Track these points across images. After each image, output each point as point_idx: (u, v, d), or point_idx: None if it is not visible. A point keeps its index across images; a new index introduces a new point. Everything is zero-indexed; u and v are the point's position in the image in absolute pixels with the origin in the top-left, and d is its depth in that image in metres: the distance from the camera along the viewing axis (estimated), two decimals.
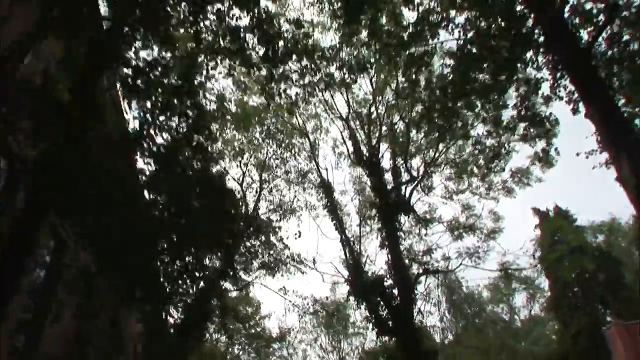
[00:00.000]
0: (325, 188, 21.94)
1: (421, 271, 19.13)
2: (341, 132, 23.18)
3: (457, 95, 13.00)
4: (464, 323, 47.23)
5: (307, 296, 26.69)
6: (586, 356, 31.49)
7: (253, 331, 33.16)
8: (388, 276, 18.72)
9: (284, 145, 24.27)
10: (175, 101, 11.33)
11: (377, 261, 19.86)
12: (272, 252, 24.77)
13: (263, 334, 33.67)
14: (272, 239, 22.05)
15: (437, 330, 42.93)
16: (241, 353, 44.35)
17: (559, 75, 12.34)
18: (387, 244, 19.17)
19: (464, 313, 49.50)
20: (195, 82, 12.22)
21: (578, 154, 14.12)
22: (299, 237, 21.48)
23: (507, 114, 15.22)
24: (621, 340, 26.84)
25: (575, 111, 12.38)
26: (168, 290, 13.67)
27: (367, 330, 42.78)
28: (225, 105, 20.18)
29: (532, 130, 15.41)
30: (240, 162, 24.89)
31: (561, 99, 12.84)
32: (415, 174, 20.77)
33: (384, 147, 22.04)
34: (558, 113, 18.39)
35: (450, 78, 13.15)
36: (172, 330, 20.52)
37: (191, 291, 22.18)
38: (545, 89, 13.27)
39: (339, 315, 43.86)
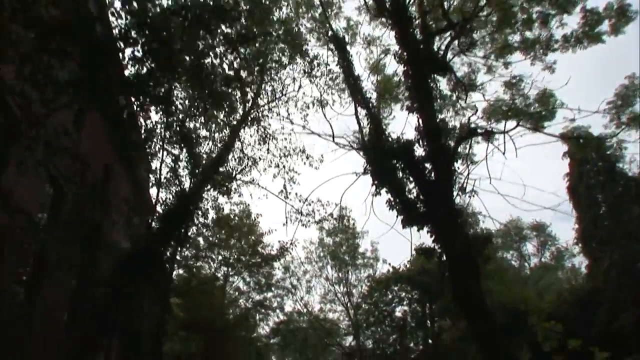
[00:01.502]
0: (337, 41, 17.00)
1: (464, 133, 14.17)
2: None
3: None
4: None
5: (313, 200, 22.20)
6: (618, 292, 27.63)
7: (249, 246, 28.71)
8: (418, 144, 13.92)
9: None
10: None
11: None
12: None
13: (261, 250, 29.23)
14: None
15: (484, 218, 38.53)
16: (241, 283, 40.77)
17: None
18: (416, 105, 14.30)
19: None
20: None
21: None
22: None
23: None
24: None
25: None
26: None
27: (377, 262, 38.74)
28: None
29: None
30: None
31: None
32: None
33: None
34: None
35: None
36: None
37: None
38: None
39: (346, 237, 39.93)
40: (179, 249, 23.00)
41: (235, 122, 21.79)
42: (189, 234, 25.80)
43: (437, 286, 31.70)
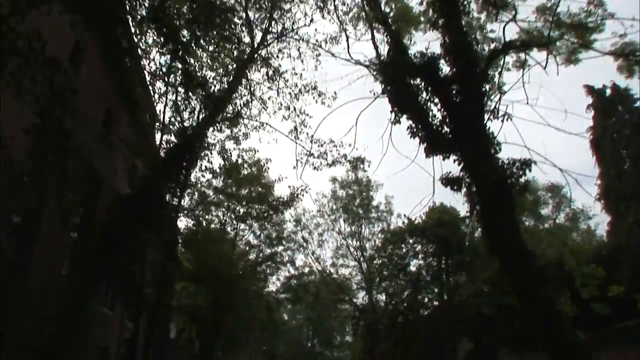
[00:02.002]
0: None
1: (498, 47, 12.34)
2: None
3: None
4: None
5: (325, 140, 20.59)
6: None
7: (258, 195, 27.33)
8: (444, 61, 12.17)
9: None
10: None
11: None
12: None
13: (270, 198, 27.83)
14: None
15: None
16: (251, 237, 39.81)
17: None
18: (442, 21, 12.48)
19: None
20: None
21: None
22: None
23: None
24: None
25: None
26: None
27: (390, 215, 37.40)
28: None
29: None
30: None
31: None
32: None
33: None
34: None
35: None
36: None
37: None
38: None
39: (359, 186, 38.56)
40: (182, 193, 21.71)
41: (242, 61, 20.25)
42: (192, 176, 24.53)
43: (454, 239, 30.41)
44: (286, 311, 77.81)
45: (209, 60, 21.13)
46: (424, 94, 12.38)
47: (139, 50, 16.45)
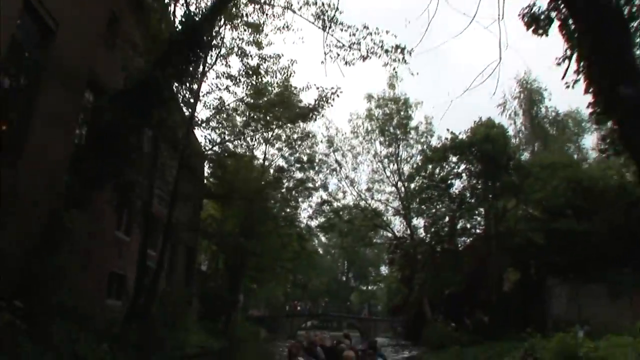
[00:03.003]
0: None
1: None
2: None
3: None
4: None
5: (357, 27, 17.30)
6: None
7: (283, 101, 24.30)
8: None
9: None
10: None
11: None
12: None
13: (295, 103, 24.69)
14: None
15: None
16: (282, 162, 37.57)
17: None
18: None
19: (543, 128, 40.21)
20: None
21: None
22: None
23: None
24: None
25: None
26: None
27: (430, 137, 34.23)
28: None
29: None
30: None
31: None
32: None
33: None
34: None
35: None
36: None
37: None
38: None
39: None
40: (189, 86, 19.05)
41: None
42: (207, 82, 21.83)
43: (503, 158, 27.20)
44: (321, 245, 76.78)
45: None
46: None
47: None
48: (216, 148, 26.43)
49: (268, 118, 23.77)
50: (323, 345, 12.46)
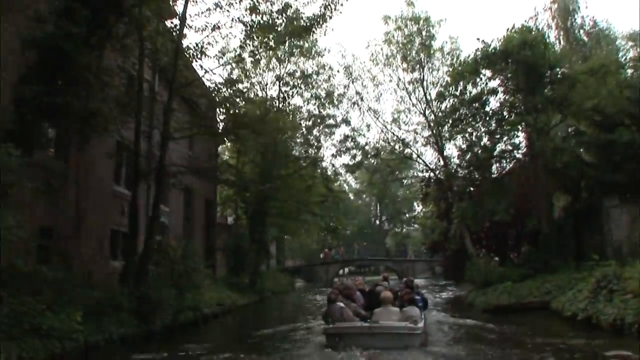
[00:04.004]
0: None
1: None
2: None
3: None
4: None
5: None
6: None
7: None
8: None
9: None
10: None
11: None
12: None
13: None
14: None
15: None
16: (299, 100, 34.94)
17: None
18: None
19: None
20: None
21: None
22: None
23: None
24: None
25: None
26: None
27: (457, 59, 30.69)
28: None
29: None
30: None
31: None
32: None
33: None
34: None
35: None
36: None
37: None
38: None
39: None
40: None
41: None
42: None
43: (544, 66, 23.65)
44: (351, 190, 74.56)
45: None
46: None
47: None
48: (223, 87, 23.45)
49: (271, 37, 20.41)
50: (362, 289, 13.56)
